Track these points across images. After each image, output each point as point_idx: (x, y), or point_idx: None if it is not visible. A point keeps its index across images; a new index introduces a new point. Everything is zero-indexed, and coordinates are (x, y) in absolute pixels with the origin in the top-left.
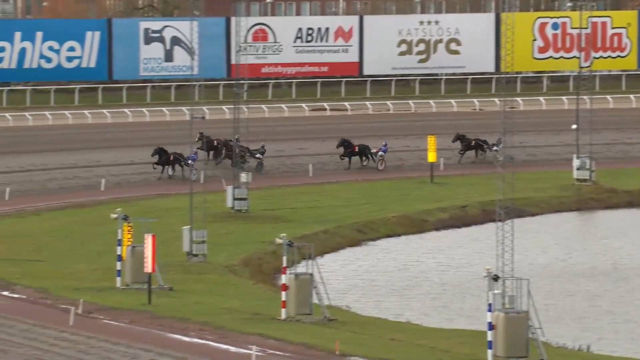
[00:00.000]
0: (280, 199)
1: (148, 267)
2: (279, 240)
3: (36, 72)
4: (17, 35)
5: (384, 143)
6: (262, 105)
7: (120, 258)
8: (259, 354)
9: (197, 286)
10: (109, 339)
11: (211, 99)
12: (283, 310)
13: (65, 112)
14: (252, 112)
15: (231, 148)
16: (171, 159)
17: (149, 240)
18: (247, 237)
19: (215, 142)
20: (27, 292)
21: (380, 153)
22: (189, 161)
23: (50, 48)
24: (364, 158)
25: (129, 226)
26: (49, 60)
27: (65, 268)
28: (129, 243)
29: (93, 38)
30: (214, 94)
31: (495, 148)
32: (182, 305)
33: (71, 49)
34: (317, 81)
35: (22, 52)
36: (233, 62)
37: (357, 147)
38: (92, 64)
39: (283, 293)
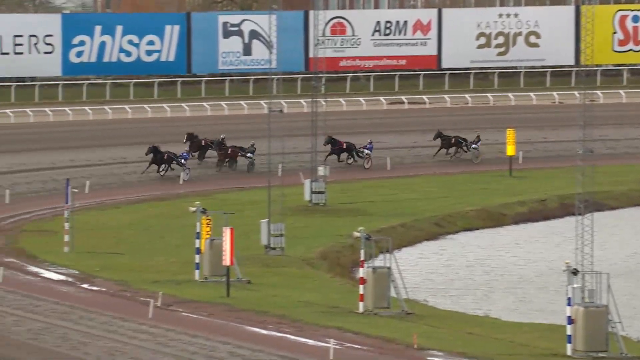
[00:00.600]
0: (358, 192)
1: (226, 260)
2: (356, 234)
3: (116, 65)
4: (97, 29)
5: (369, 141)
6: (340, 99)
7: (198, 251)
8: (337, 347)
9: (274, 279)
10: (187, 332)
11: (289, 93)
12: (361, 303)
13: (145, 105)
14: (330, 106)
15: (225, 147)
16: (165, 157)
17: (227, 233)
18: (324, 230)
19: (203, 142)
20: (106, 284)
21: (366, 152)
22: (181, 160)
23: (130, 42)
24: (349, 156)
25: (208, 219)
26: (128, 54)
27: (144, 261)
28: (208, 236)
29: (172, 32)
30: (292, 88)
31: (474, 146)
32: (260, 298)
33: (150, 42)
34: (395, 74)
35: (102, 46)
36: (311, 55)
37: (344, 144)
38: (171, 58)
39: (361, 286)
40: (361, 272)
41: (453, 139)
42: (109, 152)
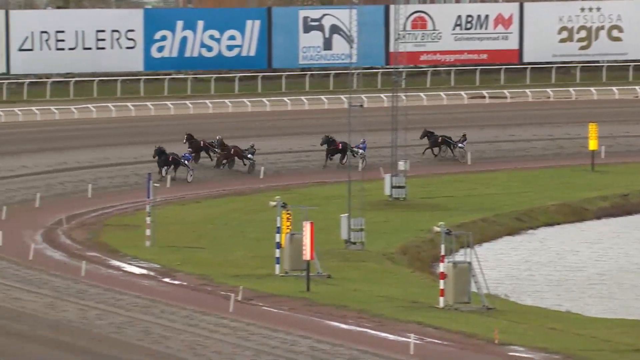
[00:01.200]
0: (438, 187)
1: (307, 255)
2: (437, 229)
3: (197, 60)
4: (179, 24)
5: (362, 140)
6: (421, 93)
7: (279, 245)
8: (417, 342)
9: (355, 274)
10: (268, 326)
11: (369, 87)
12: (441, 298)
13: (225, 100)
14: (411, 100)
15: (227, 147)
16: (170, 159)
17: (307, 227)
18: (404, 225)
19: (202, 143)
20: (188, 278)
21: (360, 152)
22: (184, 161)
23: (211, 37)
24: (342, 157)
25: (288, 214)
26: (209, 49)
27: (224, 255)
28: (288, 230)
29: (253, 27)
30: (372, 82)
31: (460, 145)
32: (340, 292)
33: (231, 37)
34: (476, 69)
35: (184, 41)
36: (391, 50)
37: (340, 145)
38: (252, 53)
39: (441, 281)
40: (441, 267)
41: (440, 138)
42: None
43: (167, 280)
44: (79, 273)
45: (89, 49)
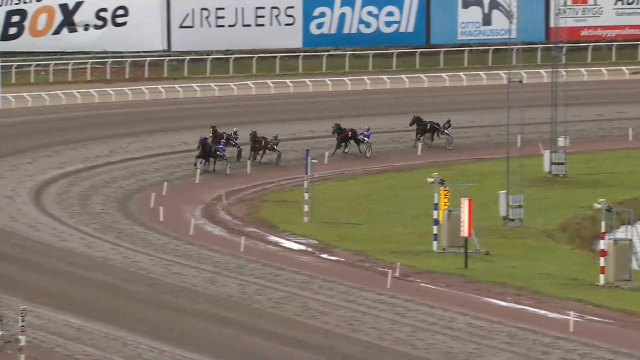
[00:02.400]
0: (599, 164)
1: (464, 231)
2: (597, 205)
3: (355, 37)
4: (337, 0)
5: (366, 127)
6: (581, 69)
7: (436, 222)
8: (577, 319)
9: (513, 251)
10: (425, 302)
11: (529, 63)
12: (601, 276)
13: (383, 76)
14: (571, 76)
15: (259, 139)
16: (212, 151)
17: (465, 204)
18: (564, 202)
19: (224, 135)
20: (345, 254)
21: (366, 139)
22: (220, 152)
23: (369, 13)
24: (346, 144)
25: (445, 190)
26: (368, 25)
27: (382, 231)
28: (446, 207)
29: (412, 3)
30: (531, 58)
31: (446, 132)
32: (498, 269)
33: (390, 13)
34: (638, 44)
35: (342, 17)
36: (552, 25)
37: (349, 132)
38: (410, 29)
39: (601, 259)
40: (602, 244)
41: (429, 125)
42: (347, 122)
43: (324, 256)
44: (238, 248)
45: (249, 25)
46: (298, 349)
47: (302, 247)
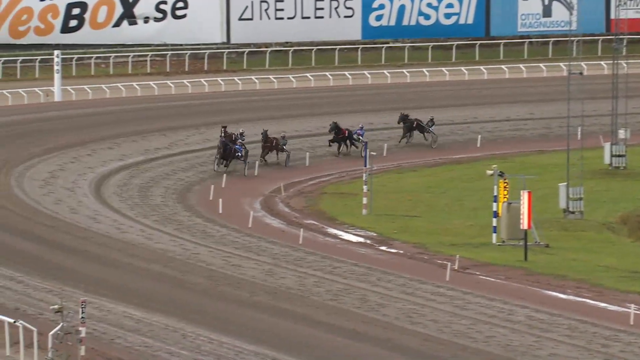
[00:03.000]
0: None
1: (524, 224)
2: None
3: (414, 29)
4: None
5: (360, 125)
6: None
7: (496, 214)
8: (638, 312)
9: (573, 243)
10: (484, 295)
11: (589, 55)
12: None
13: (443, 68)
14: (632, 68)
15: (270, 139)
16: (346, 134)
17: (525, 196)
18: (625, 194)
19: (232, 135)
20: (404, 247)
21: (361, 139)
22: (238, 154)
23: (429, 5)
24: (343, 145)
25: (505, 182)
26: (427, 17)
27: (441, 224)
28: (505, 199)
29: None
30: (592, 50)
31: (430, 129)
32: (558, 262)
33: (449, 5)
34: None
35: (401, 9)
36: (612, 16)
37: (346, 132)
38: (470, 21)
39: None
40: None
41: (415, 122)
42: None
43: (383, 248)
44: (297, 241)
45: (308, 17)
46: (357, 341)
47: (360, 240)
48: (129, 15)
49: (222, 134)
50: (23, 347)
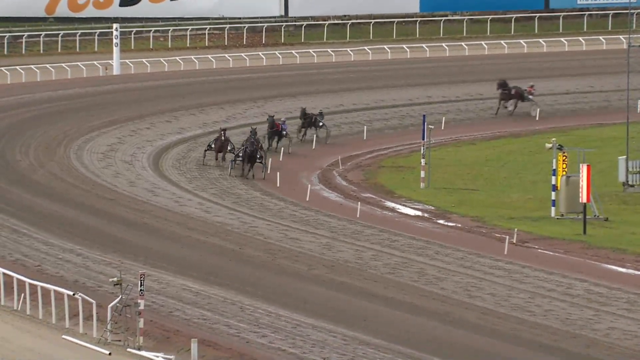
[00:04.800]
0: None
1: (583, 197)
2: None
3: (473, 1)
4: None
5: (282, 120)
6: None
7: (554, 188)
8: None
9: (633, 217)
10: (543, 269)
11: None
12: None
13: (501, 41)
14: None
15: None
16: (512, 93)
17: (584, 170)
18: None
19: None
20: (462, 220)
21: (321, 123)
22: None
23: None
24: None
25: (564, 156)
26: None
27: (499, 197)
28: (564, 173)
29: None
30: None
31: (320, 123)
32: (618, 236)
33: None
34: None
35: None
36: None
37: (280, 126)
38: None
39: None
40: None
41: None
42: (465, 88)
43: (441, 222)
44: (355, 214)
45: None
46: (414, 315)
47: (418, 213)
48: None
49: (222, 136)
50: (82, 320)
